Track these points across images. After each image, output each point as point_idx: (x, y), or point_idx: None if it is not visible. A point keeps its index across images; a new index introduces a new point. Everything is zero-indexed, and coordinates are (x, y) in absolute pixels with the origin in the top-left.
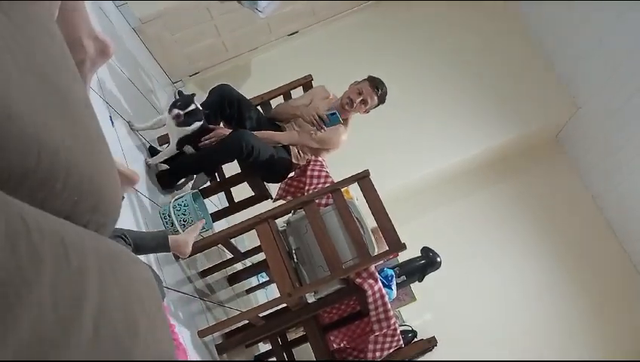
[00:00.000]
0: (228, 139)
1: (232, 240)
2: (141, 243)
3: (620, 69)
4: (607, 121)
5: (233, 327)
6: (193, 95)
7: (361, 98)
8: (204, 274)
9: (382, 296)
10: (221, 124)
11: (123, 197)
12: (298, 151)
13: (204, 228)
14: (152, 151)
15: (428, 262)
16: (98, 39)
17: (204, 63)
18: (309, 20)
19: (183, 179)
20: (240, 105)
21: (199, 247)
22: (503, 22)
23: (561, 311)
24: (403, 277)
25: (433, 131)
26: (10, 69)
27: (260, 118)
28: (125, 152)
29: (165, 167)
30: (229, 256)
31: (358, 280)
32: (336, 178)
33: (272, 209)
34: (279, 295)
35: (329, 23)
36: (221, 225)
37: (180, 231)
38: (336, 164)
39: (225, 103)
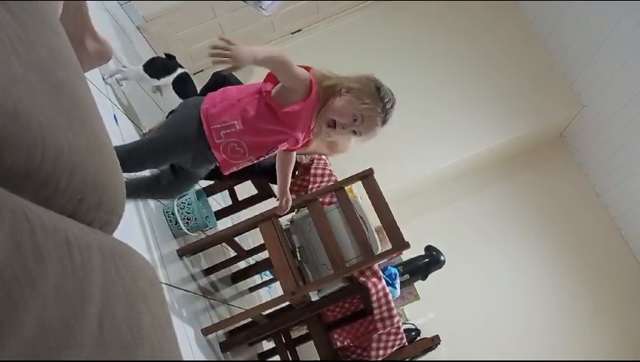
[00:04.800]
0: None
1: (236, 239)
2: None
3: (625, 67)
4: (612, 119)
5: (237, 325)
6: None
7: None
8: (207, 272)
9: (385, 295)
10: None
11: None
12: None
13: (207, 226)
14: None
15: (432, 260)
16: (100, 41)
17: (208, 61)
18: (313, 18)
19: None
20: None
21: (203, 245)
22: (508, 20)
23: (566, 309)
24: (407, 276)
25: (437, 130)
26: (15, 67)
27: None
28: None
29: None
30: (233, 254)
31: (362, 279)
32: (340, 176)
33: (276, 207)
34: (283, 293)
35: (333, 20)
36: (225, 224)
37: (184, 229)
38: (340, 163)
39: (225, 86)
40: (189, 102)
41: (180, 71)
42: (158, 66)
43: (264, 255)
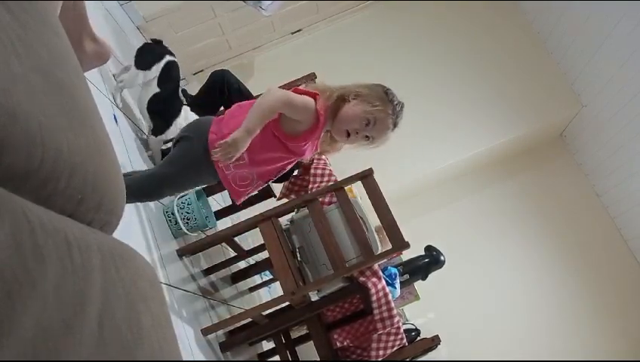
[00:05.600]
0: None
1: (236, 239)
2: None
3: (625, 67)
4: (612, 119)
5: (237, 325)
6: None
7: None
8: (207, 272)
9: (385, 295)
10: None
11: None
12: None
13: (207, 226)
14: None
15: (432, 260)
16: (98, 42)
17: (208, 61)
18: (313, 18)
19: None
20: (240, 92)
21: (203, 245)
22: (508, 20)
23: (566, 309)
24: (407, 276)
25: (437, 130)
26: (15, 67)
27: None
28: (129, 151)
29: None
30: (233, 254)
31: (362, 279)
32: (340, 176)
33: (276, 207)
34: (282, 293)
35: (333, 20)
36: (225, 224)
37: (184, 229)
38: (340, 163)
39: (224, 86)
40: (197, 129)
41: (168, 58)
42: (148, 55)
43: (264, 255)
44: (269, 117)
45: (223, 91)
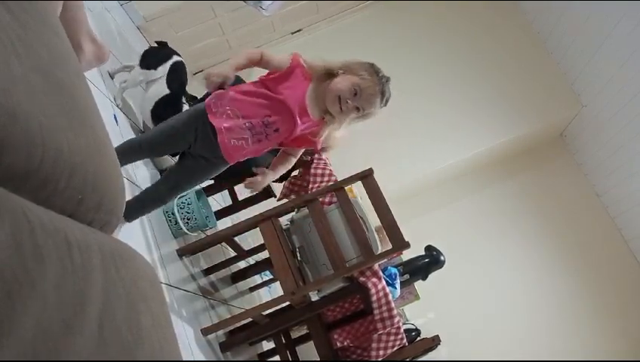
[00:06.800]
0: None
1: (236, 239)
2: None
3: (625, 67)
4: (612, 119)
5: (237, 325)
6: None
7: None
8: (207, 272)
9: (385, 295)
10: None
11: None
12: None
13: (207, 226)
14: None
15: (432, 260)
16: (96, 42)
17: (208, 61)
18: (313, 18)
19: None
20: None
21: (203, 245)
22: (508, 20)
23: (566, 309)
24: (407, 276)
25: (438, 130)
26: (15, 67)
27: None
28: None
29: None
30: (233, 254)
31: (362, 279)
32: (340, 176)
33: (276, 207)
34: (283, 293)
35: (333, 20)
36: (225, 224)
37: (184, 229)
38: (340, 163)
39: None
40: None
41: (175, 59)
42: (152, 58)
43: (264, 255)
44: (251, 56)
45: None
